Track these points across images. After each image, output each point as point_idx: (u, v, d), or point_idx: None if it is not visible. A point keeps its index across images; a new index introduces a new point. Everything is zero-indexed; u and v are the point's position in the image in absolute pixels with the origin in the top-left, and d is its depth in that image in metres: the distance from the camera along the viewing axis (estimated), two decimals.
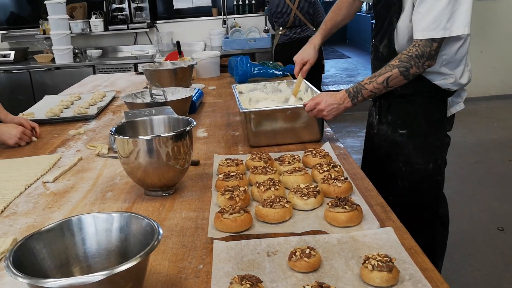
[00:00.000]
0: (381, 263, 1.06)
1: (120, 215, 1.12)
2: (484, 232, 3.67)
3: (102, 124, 2.67)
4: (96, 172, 1.93)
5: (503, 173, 4.73)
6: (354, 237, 1.28)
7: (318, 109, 1.99)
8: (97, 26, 6.31)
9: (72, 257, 1.12)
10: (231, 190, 1.50)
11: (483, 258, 3.33)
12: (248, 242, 1.28)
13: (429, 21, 1.82)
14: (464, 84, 2.02)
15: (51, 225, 1.11)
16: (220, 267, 1.18)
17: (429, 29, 1.84)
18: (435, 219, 2.16)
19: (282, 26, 5.64)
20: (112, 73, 5.40)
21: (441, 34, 1.84)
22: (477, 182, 4.52)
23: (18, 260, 0.98)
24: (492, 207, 4.05)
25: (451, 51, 1.95)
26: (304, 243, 1.26)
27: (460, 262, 3.27)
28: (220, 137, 2.28)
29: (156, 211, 1.54)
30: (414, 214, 2.02)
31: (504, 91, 7.33)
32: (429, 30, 1.84)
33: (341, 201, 1.37)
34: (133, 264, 0.94)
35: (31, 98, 5.80)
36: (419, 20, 1.85)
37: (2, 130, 2.31)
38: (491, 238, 3.59)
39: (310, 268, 1.13)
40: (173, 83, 3.00)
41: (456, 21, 1.82)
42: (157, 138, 1.54)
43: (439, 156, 2.08)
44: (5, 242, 1.39)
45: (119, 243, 1.12)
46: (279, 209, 1.38)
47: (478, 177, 4.62)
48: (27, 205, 1.67)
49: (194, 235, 1.37)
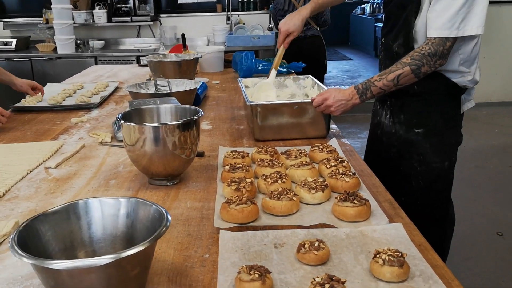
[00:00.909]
0: (392, 258, 1.05)
1: (128, 200, 1.10)
2: (484, 237, 3.66)
3: (104, 113, 2.65)
4: (99, 160, 1.91)
5: (503, 179, 4.72)
6: (363, 232, 1.26)
7: (326, 104, 1.97)
8: (101, 18, 6.28)
9: (77, 241, 1.10)
10: (237, 182, 1.48)
11: (482, 263, 3.32)
12: (255, 233, 1.26)
13: (444, 19, 1.81)
14: (478, 80, 2.01)
15: (57, 207, 1.09)
16: (226, 257, 1.16)
17: (444, 28, 1.82)
18: (445, 218, 2.16)
19: None
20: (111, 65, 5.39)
21: (454, 34, 1.83)
22: (477, 187, 4.51)
23: (22, 241, 0.96)
24: (492, 212, 4.04)
25: (467, 50, 1.94)
26: (311, 236, 1.24)
27: (459, 266, 3.25)
28: (224, 130, 2.26)
29: (161, 200, 1.52)
30: (426, 213, 2.02)
31: (506, 97, 7.32)
32: (443, 29, 1.83)
33: (349, 195, 1.35)
34: (140, 249, 0.92)
35: None
36: (435, 18, 1.84)
37: None
38: (490, 243, 3.58)
39: (318, 261, 1.11)
40: (177, 75, 2.98)
41: (470, 21, 1.81)
42: (164, 126, 1.52)
43: (453, 154, 2.08)
44: (7, 225, 1.36)
45: (125, 229, 1.10)
46: (286, 201, 1.36)
47: (478, 182, 4.60)
48: (29, 189, 1.65)
49: (199, 224, 1.35)
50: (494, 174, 4.80)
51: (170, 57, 3.24)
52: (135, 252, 0.91)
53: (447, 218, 2.20)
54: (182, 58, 3.14)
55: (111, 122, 2.44)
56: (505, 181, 4.69)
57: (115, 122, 2.26)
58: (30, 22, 6.61)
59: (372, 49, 12.23)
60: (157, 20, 6.51)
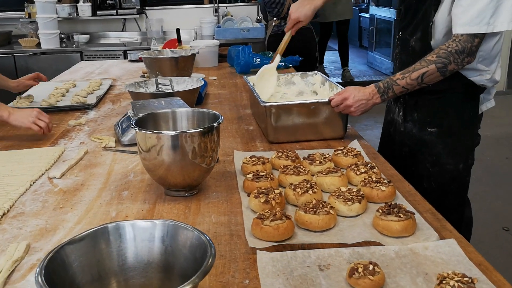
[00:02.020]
0: (461, 285, 0.94)
1: (164, 224, 0.98)
2: (490, 233, 3.59)
3: (102, 114, 2.51)
4: (106, 168, 1.78)
5: (501, 172, 4.67)
6: (413, 250, 1.16)
7: (346, 104, 1.87)
8: (85, 11, 6.08)
9: (106, 269, 0.97)
10: (265, 193, 1.37)
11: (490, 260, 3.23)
12: (295, 253, 1.15)
13: (472, 15, 1.70)
14: (498, 80, 1.91)
15: (84, 233, 0.96)
16: (269, 283, 1.05)
17: (472, 24, 1.72)
18: (461, 222, 2.06)
19: (275, 16, 5.48)
20: (101, 60, 5.23)
21: (484, 30, 1.72)
22: (477, 181, 4.44)
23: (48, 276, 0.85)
24: (495, 206, 3.98)
25: (487, 47, 1.84)
26: (357, 256, 1.14)
27: None
28: (234, 131, 2.14)
29: (182, 214, 1.41)
30: None
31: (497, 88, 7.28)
32: (471, 25, 1.72)
33: (392, 208, 1.25)
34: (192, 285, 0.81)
35: None
36: (461, 14, 1.73)
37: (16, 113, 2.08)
38: (497, 239, 3.51)
39: (375, 287, 1.01)
40: (174, 72, 2.84)
41: (500, 16, 1.71)
42: (183, 133, 1.41)
43: (470, 156, 1.98)
44: (18, 249, 1.24)
45: (160, 256, 0.98)
46: (323, 215, 1.25)
47: (477, 177, 4.53)
48: (35, 204, 1.52)
49: (230, 243, 1.23)
50: (492, 167, 4.74)
51: (166, 53, 3.09)
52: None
53: (463, 221, 2.11)
54: (179, 54, 3.00)
55: (111, 124, 2.31)
56: (504, 174, 4.64)
57: (117, 125, 2.13)
58: (11, 16, 6.39)
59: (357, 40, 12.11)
60: (143, 13, 6.33)
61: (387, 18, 8.61)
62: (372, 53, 9.41)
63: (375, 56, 9.25)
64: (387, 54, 8.70)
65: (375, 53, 9.31)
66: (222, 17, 6.27)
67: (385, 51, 8.80)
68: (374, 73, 9.13)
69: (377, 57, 9.16)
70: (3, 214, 1.45)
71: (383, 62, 8.92)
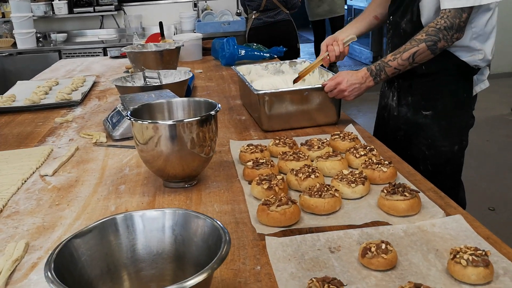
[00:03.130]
0: (475, 257, 0.94)
1: (174, 212, 0.96)
2: (477, 213, 3.57)
3: (89, 111, 2.47)
4: (100, 163, 1.75)
5: (483, 153, 4.73)
6: (421, 228, 1.15)
7: (340, 89, 1.86)
8: (61, 9, 5.98)
9: (116, 262, 0.95)
10: (268, 179, 1.36)
11: None
12: (304, 237, 1.14)
13: None
14: (491, 60, 1.91)
15: (92, 225, 0.94)
16: (281, 268, 1.03)
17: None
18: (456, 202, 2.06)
19: (255, 9, 5.45)
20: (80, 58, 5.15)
21: (471, 3, 1.72)
22: None
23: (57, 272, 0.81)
24: (480, 188, 4.03)
25: (480, 23, 1.83)
26: (367, 236, 1.13)
27: None
28: (226, 121, 2.12)
29: (184, 204, 1.38)
30: None
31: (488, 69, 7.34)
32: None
33: (397, 187, 1.24)
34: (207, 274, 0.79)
35: None
36: None
37: None
38: (484, 219, 3.51)
39: (388, 266, 1.00)
40: (159, 66, 2.81)
41: None
42: (181, 123, 1.38)
43: (464, 137, 1.98)
44: (17, 248, 1.20)
45: (171, 245, 0.96)
46: (329, 198, 1.24)
47: None
48: (29, 202, 1.48)
49: (237, 231, 1.22)
50: (474, 149, 4.78)
51: (150, 47, 3.05)
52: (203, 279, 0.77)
53: (458, 202, 2.11)
54: (163, 47, 2.96)
55: (99, 119, 2.27)
56: (486, 155, 4.70)
57: (107, 120, 2.10)
58: None
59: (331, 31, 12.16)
60: (121, 10, 6.25)
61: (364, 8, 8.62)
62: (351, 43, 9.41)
63: (354, 46, 9.26)
64: (366, 44, 8.72)
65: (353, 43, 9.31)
66: (202, 11, 6.22)
67: (363, 41, 8.82)
68: (353, 63, 9.15)
69: (356, 47, 9.17)
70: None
71: (362, 52, 8.94)
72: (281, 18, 5.26)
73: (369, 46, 8.60)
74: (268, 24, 5.32)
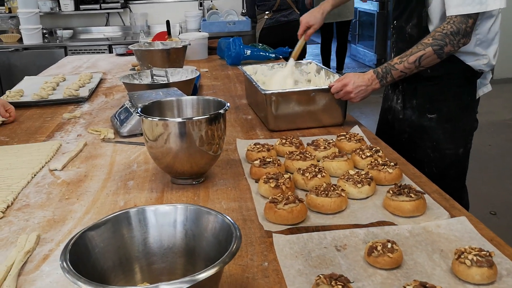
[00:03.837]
0: (480, 258, 0.96)
1: (186, 208, 0.98)
2: (478, 217, 3.57)
3: (97, 107, 2.49)
4: (108, 159, 1.77)
5: (485, 158, 4.76)
6: (426, 228, 1.17)
7: (346, 91, 1.88)
8: (68, 5, 6.00)
9: (128, 255, 0.98)
10: (275, 178, 1.38)
11: None
12: (311, 235, 1.16)
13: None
14: (494, 64, 1.94)
15: (106, 217, 0.96)
16: (289, 265, 1.06)
17: (465, 4, 1.74)
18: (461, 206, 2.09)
19: (268, 10, 5.48)
20: (85, 55, 5.17)
21: (477, 9, 1.74)
22: None
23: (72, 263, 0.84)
24: (482, 192, 4.04)
25: (484, 29, 1.86)
26: (372, 236, 1.15)
27: None
28: (233, 120, 2.14)
29: (192, 201, 1.40)
30: None
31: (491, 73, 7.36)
32: (464, 6, 1.74)
33: (403, 188, 1.26)
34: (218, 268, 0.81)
35: None
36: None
37: None
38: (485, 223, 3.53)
39: (394, 264, 1.02)
40: (166, 64, 2.83)
41: None
42: (190, 120, 1.40)
43: (468, 140, 2.01)
44: (29, 240, 1.22)
45: (182, 240, 0.99)
46: (335, 198, 1.26)
47: None
48: (39, 196, 1.50)
49: (244, 228, 1.24)
50: (476, 153, 4.80)
51: (157, 45, 3.08)
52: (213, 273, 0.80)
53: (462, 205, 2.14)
54: (170, 46, 2.99)
55: (106, 116, 2.30)
56: (487, 160, 4.73)
57: (115, 116, 2.12)
58: None
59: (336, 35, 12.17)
60: (127, 7, 6.28)
61: (370, 11, 8.65)
62: (356, 45, 9.45)
63: (358, 49, 9.29)
64: (370, 46, 8.74)
65: (358, 45, 9.35)
66: (207, 10, 6.24)
67: (368, 44, 8.85)
68: (357, 65, 9.17)
69: (360, 49, 9.20)
70: (7, 206, 1.43)
71: (366, 55, 8.96)
72: (293, 18, 5.30)
73: (373, 48, 8.62)
74: (281, 23, 5.35)
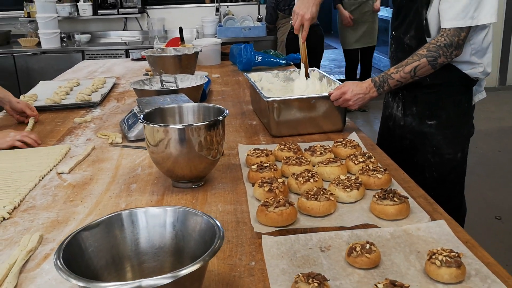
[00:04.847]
0: (449, 259, 1.03)
1: (174, 210, 1.05)
2: (483, 222, 3.70)
3: (108, 112, 2.58)
4: (114, 163, 1.85)
5: (493, 163, 4.80)
6: (407, 231, 1.23)
7: (344, 98, 1.95)
8: (86, 10, 6.14)
9: (121, 254, 1.04)
10: (269, 182, 1.44)
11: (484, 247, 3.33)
12: (298, 237, 1.22)
13: (458, 10, 1.82)
14: (489, 72, 2.02)
15: (99, 219, 1.04)
16: (274, 264, 1.12)
17: (458, 18, 1.83)
18: (460, 210, 2.16)
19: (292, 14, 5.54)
20: (102, 59, 5.28)
21: (469, 23, 1.84)
22: (470, 173, 4.52)
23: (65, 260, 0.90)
24: (488, 196, 4.09)
25: (478, 39, 1.94)
26: (356, 237, 1.21)
27: None
28: (237, 126, 2.21)
29: (190, 204, 1.47)
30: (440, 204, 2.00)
31: (490, 84, 7.39)
32: (457, 19, 1.83)
33: (388, 193, 1.32)
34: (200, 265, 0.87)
35: (15, 83, 5.64)
36: (448, 9, 1.85)
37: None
38: (489, 227, 3.63)
39: (371, 264, 1.08)
40: (177, 70, 2.91)
41: (483, 9, 1.82)
42: (189, 127, 1.47)
43: (466, 145, 2.10)
44: (32, 240, 1.30)
45: (171, 240, 1.05)
46: (324, 201, 1.33)
47: (471, 168, 4.62)
48: (45, 198, 1.58)
49: (237, 229, 1.31)
50: (485, 159, 4.86)
51: (169, 51, 3.17)
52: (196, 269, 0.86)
53: (459, 208, 2.21)
54: (182, 52, 3.07)
55: (116, 121, 2.38)
56: (496, 165, 4.76)
57: (123, 121, 2.20)
58: (10, 16, 6.43)
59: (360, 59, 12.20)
60: (144, 12, 6.40)
61: (385, 17, 8.68)
62: None
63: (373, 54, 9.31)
64: (385, 52, 8.77)
65: None
66: (224, 16, 6.34)
67: (382, 49, 8.89)
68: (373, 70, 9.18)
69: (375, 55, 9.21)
70: (14, 208, 1.51)
71: (381, 60, 8.99)
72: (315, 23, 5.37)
73: (388, 54, 8.63)
74: None
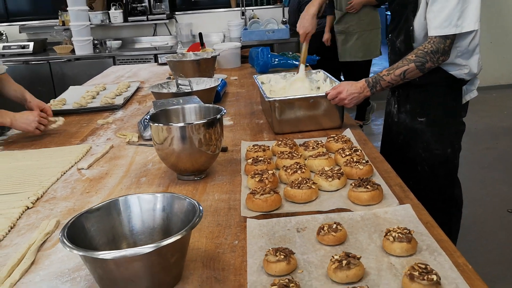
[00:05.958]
0: (401, 235, 1.17)
1: (163, 195, 1.23)
2: (495, 215, 3.77)
3: (129, 114, 2.78)
4: (128, 159, 2.04)
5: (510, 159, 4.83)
6: (376, 214, 1.38)
7: (340, 97, 2.10)
8: (117, 18, 6.40)
9: (119, 234, 1.22)
10: (260, 173, 1.61)
11: (494, 240, 3.43)
12: (279, 220, 1.38)
13: (442, 19, 1.94)
14: (477, 73, 2.13)
15: (99, 204, 1.22)
16: (254, 242, 1.28)
17: (442, 27, 1.95)
18: (451, 201, 2.27)
19: None
20: (133, 64, 5.52)
21: (453, 31, 1.96)
22: (487, 168, 4.61)
23: (70, 237, 1.08)
24: (502, 191, 4.15)
25: (464, 43, 2.05)
26: (330, 220, 1.36)
27: (473, 244, 3.36)
28: (245, 125, 2.38)
29: (190, 193, 1.65)
30: (432, 196, 2.13)
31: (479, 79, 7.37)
32: (442, 28, 1.96)
33: (363, 181, 1.46)
34: (178, 237, 1.04)
35: (51, 89, 5.90)
36: (433, 18, 1.97)
37: (18, 119, 2.33)
38: (501, 221, 3.69)
39: (337, 241, 1.23)
40: (196, 73, 3.09)
41: (466, 18, 1.94)
42: (190, 125, 1.65)
43: (455, 141, 2.20)
44: (50, 224, 1.49)
45: (162, 221, 1.23)
46: (306, 189, 1.48)
47: (488, 163, 4.70)
48: (65, 190, 1.78)
49: (227, 214, 1.47)
50: (504, 154, 4.90)
51: (189, 56, 3.35)
52: (174, 241, 1.03)
53: (452, 200, 2.32)
54: (200, 56, 3.25)
55: (136, 122, 2.57)
56: None
57: (140, 122, 2.39)
58: (46, 24, 6.74)
59: None
60: (173, 18, 6.63)
61: None
62: None
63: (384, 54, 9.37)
64: None
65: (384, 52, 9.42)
66: (249, 19, 6.51)
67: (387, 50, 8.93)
68: None
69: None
70: (37, 199, 1.71)
71: None
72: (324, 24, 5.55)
73: None
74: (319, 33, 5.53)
